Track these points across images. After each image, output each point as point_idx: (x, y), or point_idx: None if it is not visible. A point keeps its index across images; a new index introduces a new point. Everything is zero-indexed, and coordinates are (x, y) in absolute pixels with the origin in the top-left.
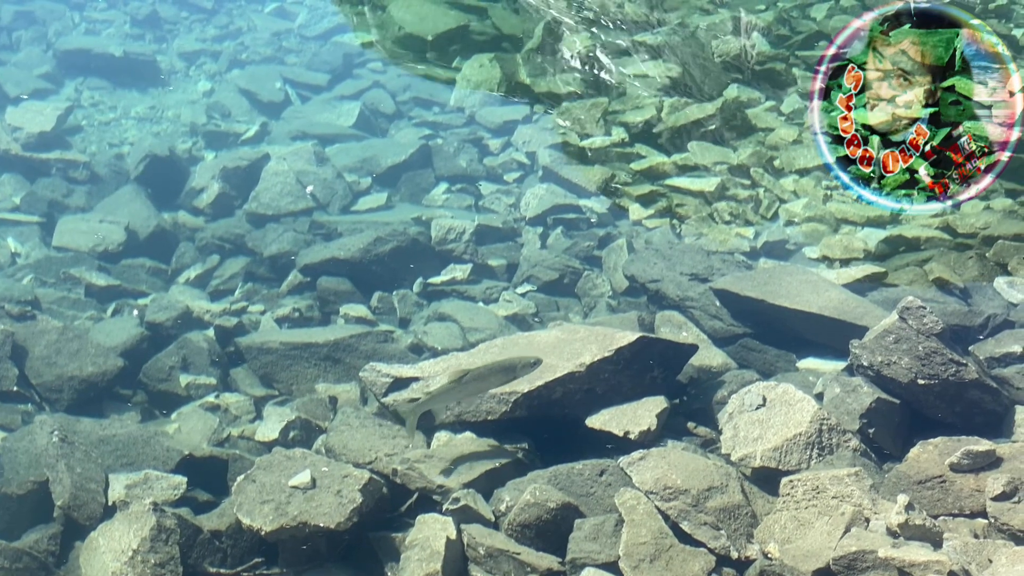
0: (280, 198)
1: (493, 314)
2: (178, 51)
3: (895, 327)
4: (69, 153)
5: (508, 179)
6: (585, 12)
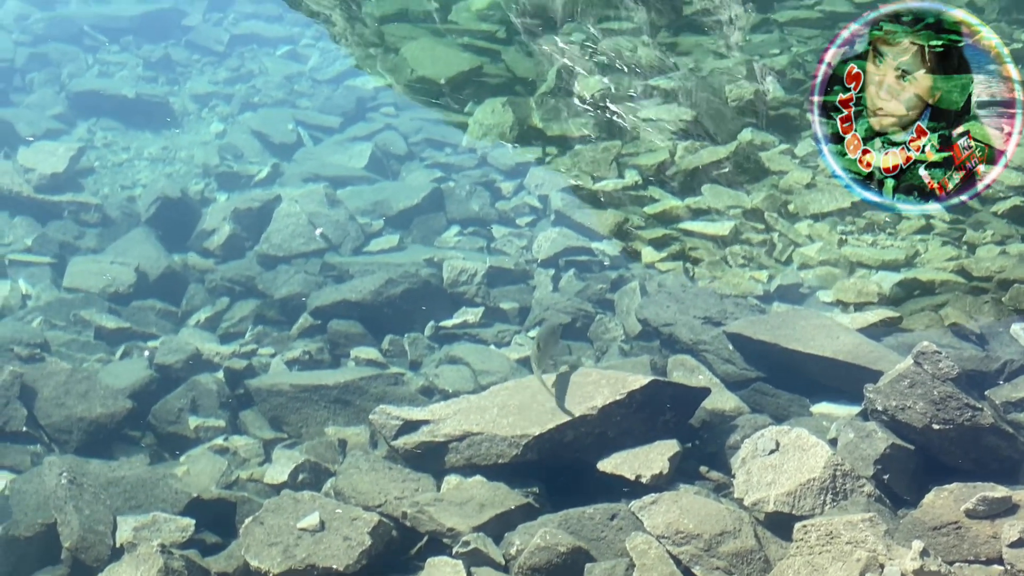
0: (291, 240)
1: (505, 357)
2: (190, 93)
3: (910, 372)
4: (81, 195)
5: (520, 222)
6: (599, 56)
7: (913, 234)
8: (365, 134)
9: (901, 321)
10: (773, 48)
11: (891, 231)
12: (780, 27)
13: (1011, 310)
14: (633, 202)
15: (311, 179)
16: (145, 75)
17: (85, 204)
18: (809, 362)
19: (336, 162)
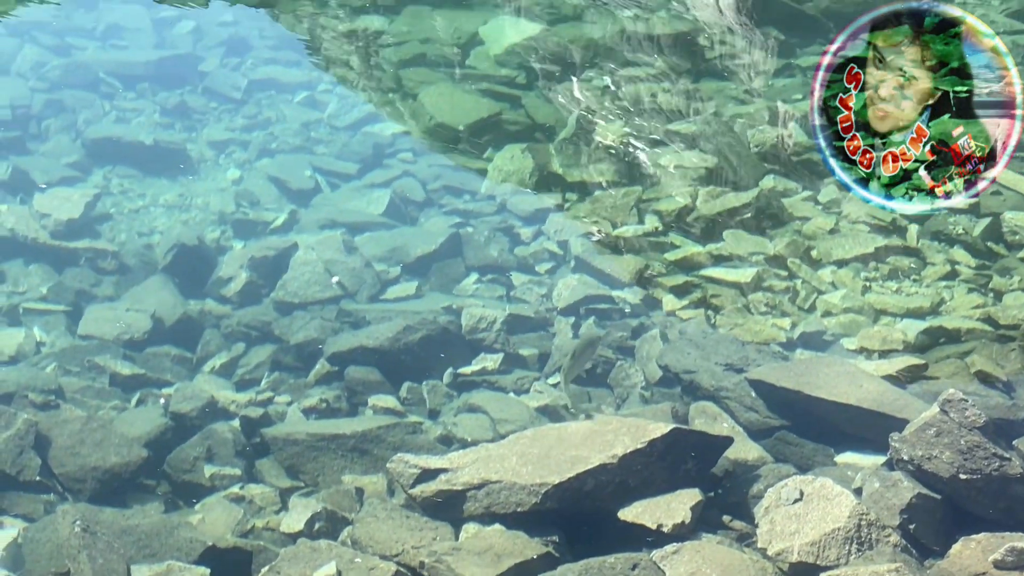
0: (308, 287)
1: (524, 405)
2: (207, 140)
3: (936, 420)
4: (98, 242)
5: (540, 269)
6: (619, 102)
7: (938, 281)
8: (383, 180)
9: (927, 369)
10: (795, 93)
11: (916, 278)
12: (802, 72)
13: None
14: (654, 248)
15: (328, 226)
16: (162, 121)
17: (102, 251)
18: (833, 410)
19: (353, 208)
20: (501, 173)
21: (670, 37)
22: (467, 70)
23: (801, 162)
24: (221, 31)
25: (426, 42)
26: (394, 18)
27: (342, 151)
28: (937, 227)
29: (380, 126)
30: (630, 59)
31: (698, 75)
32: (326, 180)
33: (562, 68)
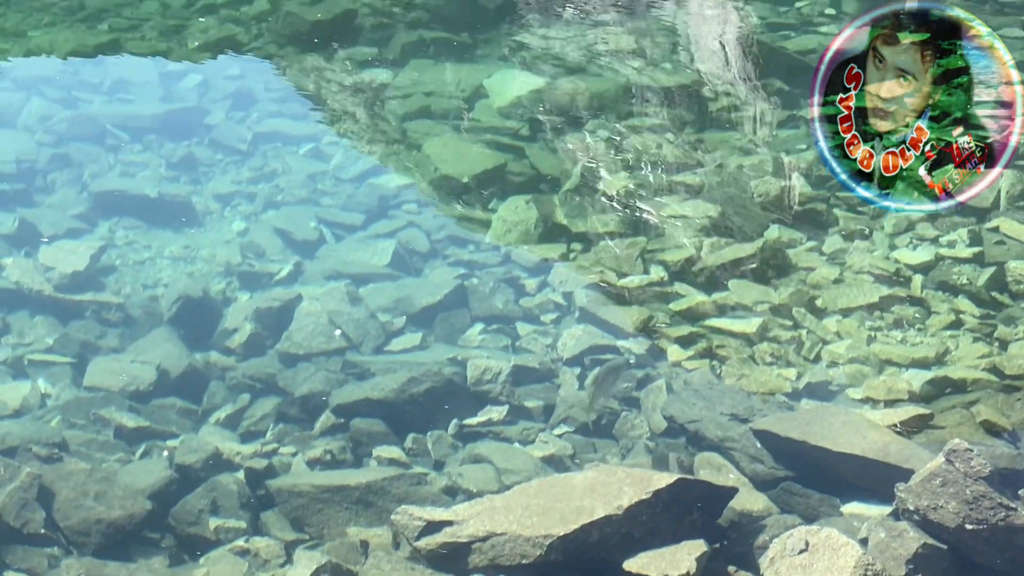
0: (312, 338)
1: (529, 456)
2: (213, 192)
3: (941, 470)
4: (103, 295)
5: (545, 320)
6: (624, 153)
7: (943, 330)
8: (388, 231)
9: (932, 419)
10: (799, 144)
11: (920, 327)
12: (806, 123)
13: None
14: (659, 299)
15: (333, 277)
16: (167, 174)
17: (106, 303)
18: (839, 460)
19: (358, 260)
20: (506, 224)
21: (674, 89)
22: (472, 122)
23: (805, 212)
24: (227, 84)
25: (431, 95)
26: (399, 71)
27: (347, 203)
28: (942, 277)
29: (385, 178)
30: (634, 111)
31: (702, 126)
32: (331, 231)
33: (566, 120)
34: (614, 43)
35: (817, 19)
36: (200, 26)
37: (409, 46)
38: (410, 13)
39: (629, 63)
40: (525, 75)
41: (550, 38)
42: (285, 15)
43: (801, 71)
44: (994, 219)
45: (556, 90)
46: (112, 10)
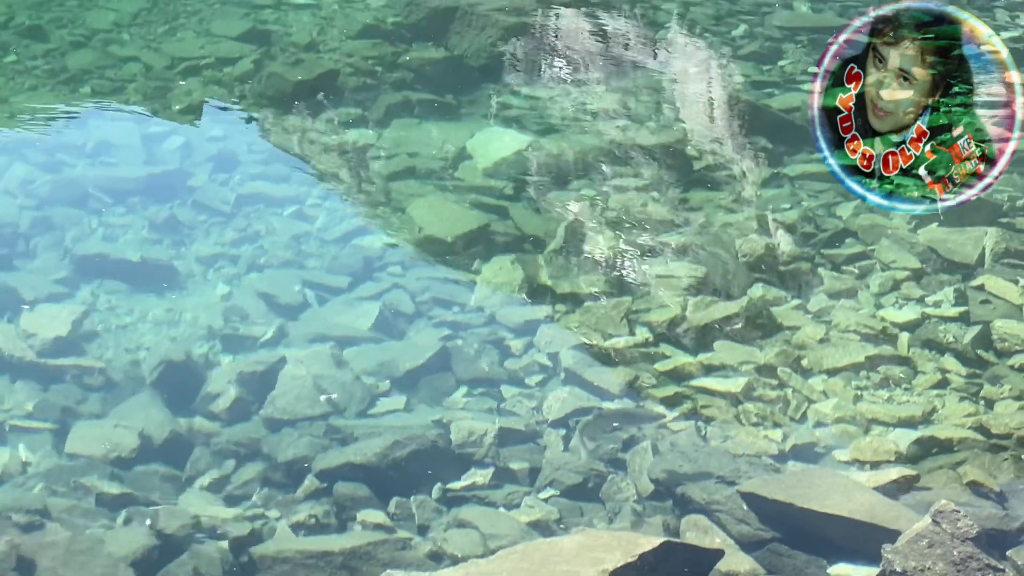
0: (297, 403)
1: (515, 520)
2: (196, 255)
3: (928, 531)
4: (84, 359)
5: (530, 382)
6: (608, 212)
7: (929, 389)
8: (372, 293)
9: (919, 479)
10: (784, 202)
11: (907, 386)
12: (791, 181)
13: None
14: (644, 359)
15: (317, 339)
16: (150, 237)
17: (88, 368)
18: (826, 522)
19: (342, 322)
20: (490, 285)
21: (659, 148)
22: (456, 182)
23: (790, 271)
24: (210, 146)
25: (415, 155)
26: (383, 131)
27: (331, 264)
28: (928, 335)
29: (369, 239)
30: (619, 169)
31: (687, 185)
32: (315, 294)
33: (551, 179)
34: (598, 102)
35: (800, 77)
36: (183, 88)
37: (393, 106)
38: (393, 73)
39: (614, 122)
40: (509, 135)
41: (534, 97)
42: (268, 76)
43: (785, 129)
44: (979, 277)
45: (540, 149)
46: (94, 72)
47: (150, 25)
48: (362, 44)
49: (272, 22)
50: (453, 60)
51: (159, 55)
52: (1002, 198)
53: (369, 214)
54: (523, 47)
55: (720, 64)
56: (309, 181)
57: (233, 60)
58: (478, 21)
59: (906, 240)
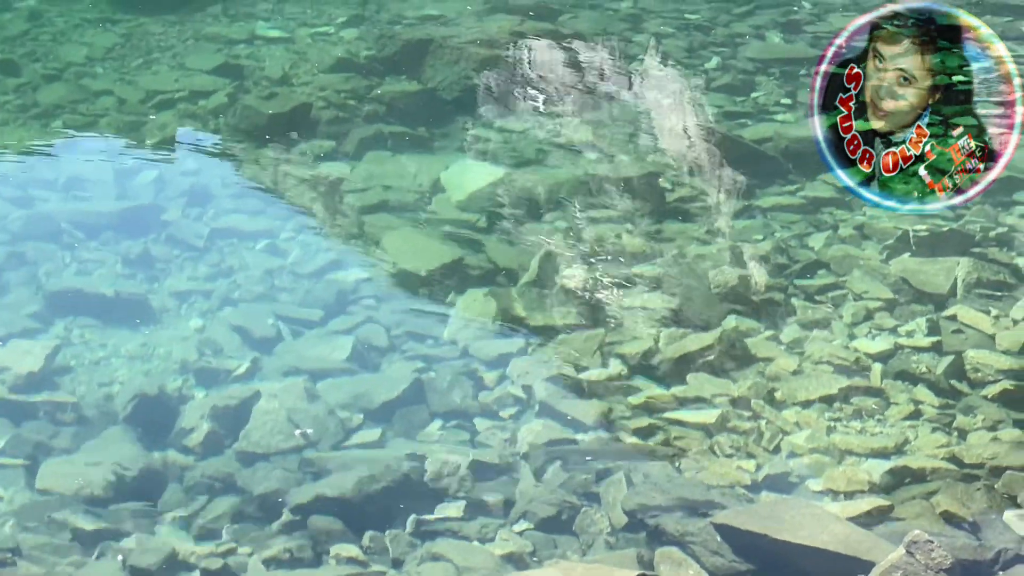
0: (270, 436)
1: (489, 553)
2: (170, 290)
3: (902, 562)
4: (57, 394)
5: (504, 414)
6: (582, 244)
7: (902, 420)
8: (346, 327)
9: (892, 510)
10: (756, 233)
11: (880, 417)
12: (763, 212)
13: (1004, 498)
14: (618, 392)
15: (291, 373)
16: (123, 272)
17: (61, 403)
18: (799, 553)
19: (316, 356)
20: (464, 318)
21: (632, 179)
22: (429, 215)
23: (763, 302)
24: (184, 180)
25: (388, 188)
26: (356, 164)
27: (305, 298)
28: (901, 366)
29: (343, 273)
30: (593, 201)
31: (661, 217)
32: (289, 328)
33: (524, 211)
34: (572, 134)
35: (773, 108)
36: (156, 121)
37: (366, 139)
38: (366, 106)
39: (587, 154)
40: (483, 167)
41: (508, 130)
42: (242, 109)
43: (757, 160)
44: (951, 307)
45: (514, 182)
46: (67, 107)
47: (124, 59)
48: (335, 78)
49: (245, 56)
50: (426, 93)
51: (133, 88)
52: (974, 228)
53: (343, 247)
54: (497, 79)
55: (693, 96)
56: (283, 215)
57: (207, 94)
58: (451, 54)
59: (878, 271)
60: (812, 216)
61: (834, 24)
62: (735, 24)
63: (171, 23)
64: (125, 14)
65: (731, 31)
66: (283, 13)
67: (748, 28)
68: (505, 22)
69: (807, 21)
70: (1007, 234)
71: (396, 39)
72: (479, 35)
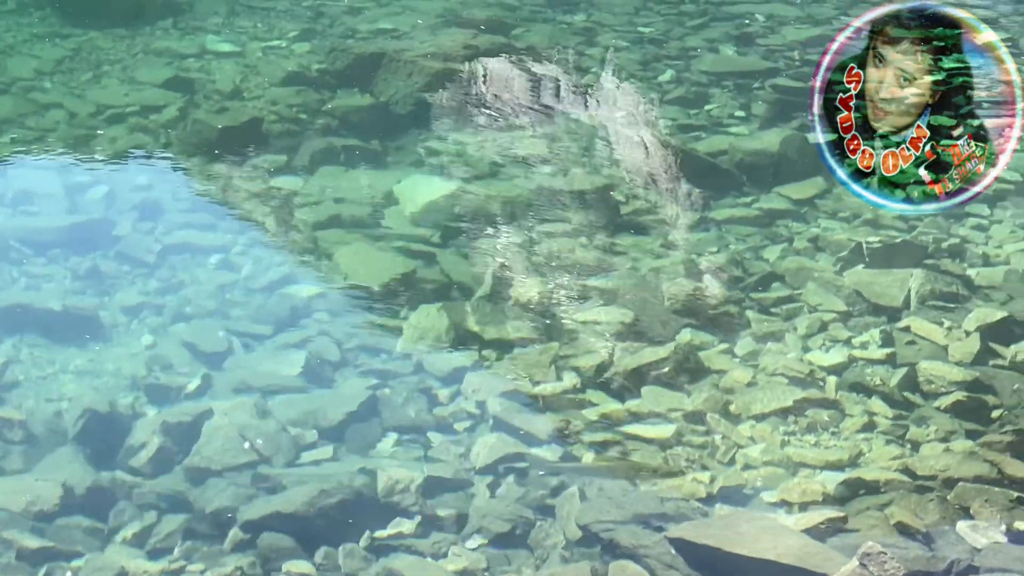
0: (222, 453)
1: (442, 569)
2: (120, 305)
3: (855, 574)
4: (4, 411)
5: (458, 428)
6: (536, 258)
7: (856, 432)
8: (298, 341)
9: (846, 521)
10: (711, 246)
11: (834, 430)
12: (718, 225)
13: (957, 509)
14: (573, 405)
15: (243, 389)
16: (73, 287)
17: (8, 420)
18: (754, 566)
19: (268, 371)
20: (417, 332)
21: (587, 193)
22: (382, 229)
23: (718, 315)
24: (134, 195)
25: (341, 202)
26: (308, 178)
27: (257, 313)
28: (855, 378)
29: (295, 287)
30: (547, 215)
31: (615, 230)
32: (241, 343)
33: (478, 225)
34: (526, 147)
35: (727, 120)
36: (107, 136)
37: (318, 153)
38: (318, 120)
39: (541, 167)
40: (437, 181)
41: (462, 143)
42: (193, 123)
43: (712, 173)
44: (905, 319)
45: (468, 196)
46: (16, 120)
47: (73, 72)
48: (287, 91)
49: (196, 70)
50: (379, 107)
51: (83, 102)
52: (927, 240)
53: (295, 262)
54: (450, 93)
55: (647, 109)
56: (235, 229)
57: (158, 108)
58: (404, 67)
59: (832, 283)
60: (767, 228)
61: (787, 37)
62: (689, 37)
63: (121, 37)
64: (74, 28)
65: (684, 44)
66: (233, 27)
67: (701, 41)
68: (458, 36)
69: (760, 34)
70: (959, 245)
71: (348, 53)
72: (432, 49)
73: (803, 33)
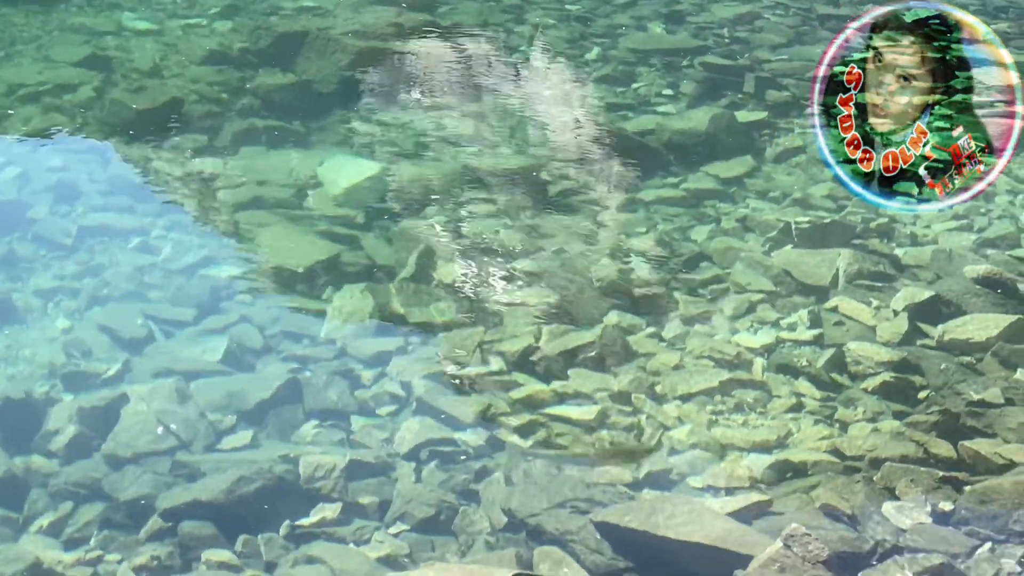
0: (139, 438)
1: (364, 556)
2: (35, 289)
3: (780, 555)
4: None
5: (381, 412)
6: (461, 239)
7: (784, 413)
8: (219, 326)
9: (772, 504)
10: (639, 227)
11: (761, 411)
12: (646, 206)
13: (883, 490)
14: (498, 388)
15: (162, 374)
16: None
17: None
18: (679, 549)
19: (188, 356)
20: (340, 315)
21: (513, 173)
22: (305, 211)
23: (645, 297)
24: (50, 176)
25: (263, 183)
26: (229, 160)
27: (177, 296)
28: (782, 359)
29: (216, 270)
30: (472, 196)
31: (541, 211)
32: (160, 328)
33: (402, 206)
34: (451, 127)
35: (655, 99)
36: (20, 115)
37: (239, 133)
38: (240, 100)
39: (467, 147)
40: (360, 161)
41: (386, 123)
42: (110, 103)
43: (640, 152)
44: (833, 299)
45: (392, 176)
46: None
47: None
48: (207, 70)
49: (113, 48)
50: (302, 85)
51: None
52: (855, 219)
53: (216, 244)
54: (375, 72)
55: (574, 88)
56: (154, 211)
57: (73, 87)
58: (328, 46)
59: (760, 263)
60: (695, 209)
61: (717, 14)
62: (616, 15)
63: (34, 12)
64: None
65: (612, 22)
66: (151, 4)
67: (629, 19)
68: (383, 13)
69: (689, 12)
70: (888, 225)
71: (271, 31)
72: (356, 27)
73: (732, 10)
